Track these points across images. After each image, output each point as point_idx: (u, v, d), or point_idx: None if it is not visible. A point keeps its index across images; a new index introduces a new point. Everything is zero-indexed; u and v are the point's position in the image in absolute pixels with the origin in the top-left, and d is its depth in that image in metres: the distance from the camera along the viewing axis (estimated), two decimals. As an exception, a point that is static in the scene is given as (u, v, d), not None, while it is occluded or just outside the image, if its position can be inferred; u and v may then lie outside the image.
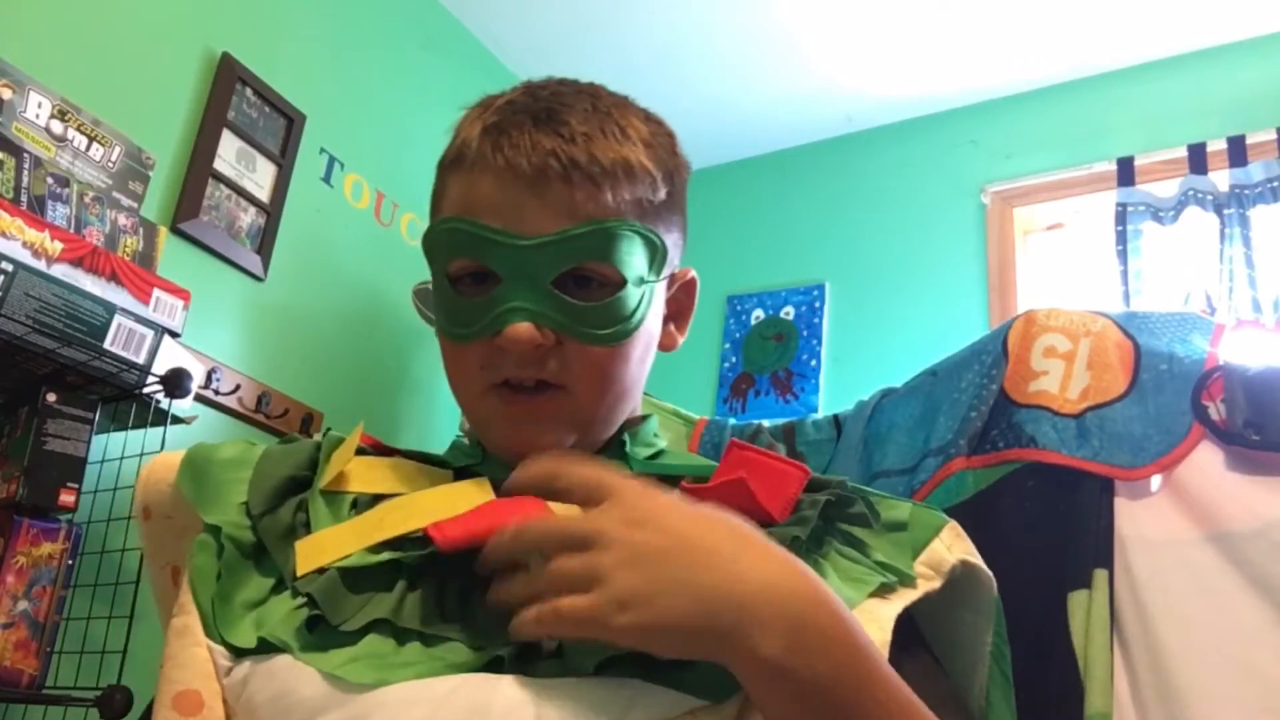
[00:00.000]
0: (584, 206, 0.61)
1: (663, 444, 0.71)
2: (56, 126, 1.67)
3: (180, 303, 1.54)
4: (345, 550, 0.58)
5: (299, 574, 0.57)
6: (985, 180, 2.70)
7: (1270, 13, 2.40)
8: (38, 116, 1.64)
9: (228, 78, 2.06)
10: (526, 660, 0.50)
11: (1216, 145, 2.34)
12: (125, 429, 1.56)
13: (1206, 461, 1.39)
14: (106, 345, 1.40)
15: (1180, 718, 1.28)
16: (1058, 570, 1.42)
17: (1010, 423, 1.53)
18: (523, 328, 0.60)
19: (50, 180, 1.58)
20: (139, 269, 1.51)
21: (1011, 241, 2.63)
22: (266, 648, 0.54)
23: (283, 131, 2.18)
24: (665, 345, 0.71)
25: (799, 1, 2.55)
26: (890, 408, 1.74)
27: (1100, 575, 1.39)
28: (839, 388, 2.69)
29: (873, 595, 0.56)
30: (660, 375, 3.13)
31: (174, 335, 1.52)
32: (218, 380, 1.90)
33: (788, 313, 2.88)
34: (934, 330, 2.58)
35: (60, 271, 1.38)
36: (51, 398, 1.42)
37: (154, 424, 1.51)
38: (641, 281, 0.64)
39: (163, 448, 1.49)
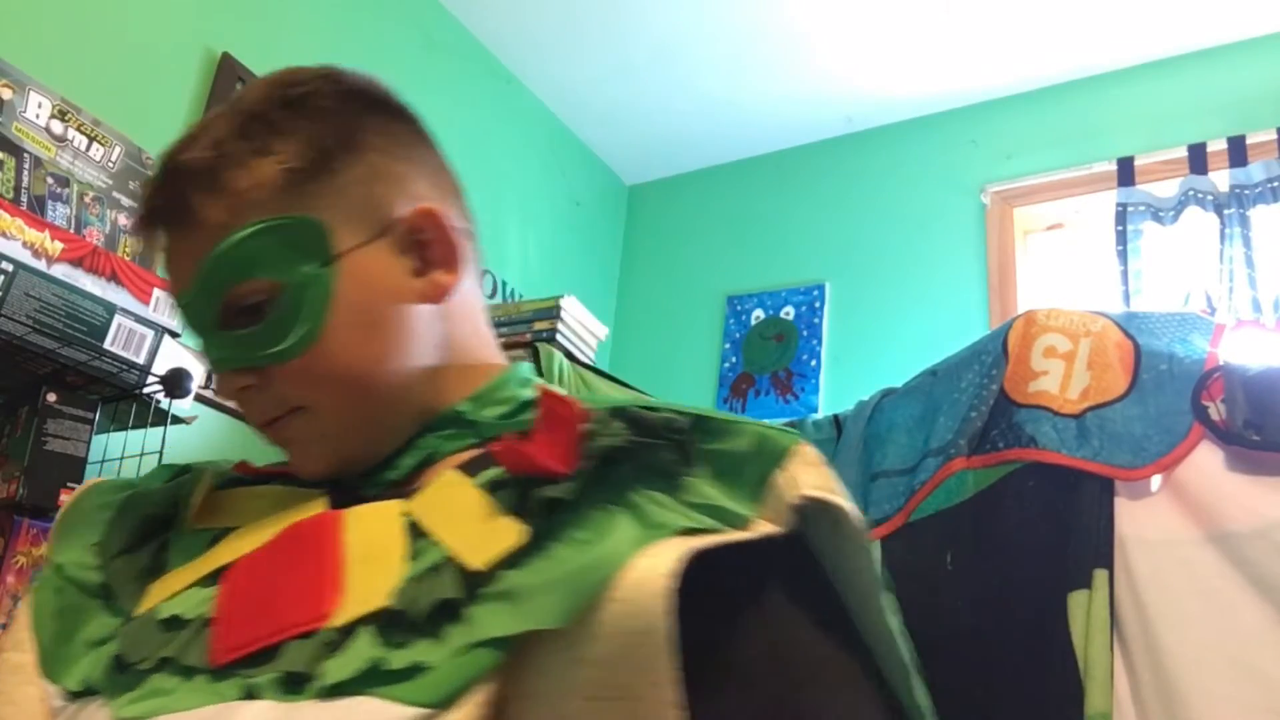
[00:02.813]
0: (201, 242, 0.58)
1: (528, 396, 0.65)
2: (56, 126, 1.67)
3: (180, 303, 1.54)
4: (177, 586, 0.56)
5: (134, 615, 0.56)
6: (985, 180, 2.70)
7: (1270, 13, 2.40)
8: (38, 116, 1.64)
9: (228, 78, 2.06)
10: (289, 684, 0.48)
11: (1216, 145, 2.34)
12: (125, 429, 1.56)
13: (1206, 461, 1.39)
14: (107, 345, 1.40)
15: (1180, 718, 1.28)
16: (1058, 570, 1.42)
17: (1010, 423, 1.53)
18: (223, 380, 0.60)
19: (50, 180, 1.58)
20: (139, 269, 1.51)
21: (1011, 241, 2.63)
22: (91, 690, 0.53)
23: (283, 131, 2.18)
24: (430, 296, 0.62)
25: (799, 2, 2.55)
26: (890, 408, 1.74)
27: (1100, 575, 1.39)
28: (839, 388, 2.69)
29: (683, 534, 0.48)
30: (660, 375, 3.13)
31: (174, 335, 1.52)
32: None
33: (788, 313, 2.88)
34: (934, 330, 2.58)
35: (60, 271, 1.38)
36: (52, 398, 1.42)
37: (154, 424, 1.51)
38: (305, 272, 0.58)
39: (163, 448, 1.49)
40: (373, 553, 0.53)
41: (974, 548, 1.51)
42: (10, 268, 1.31)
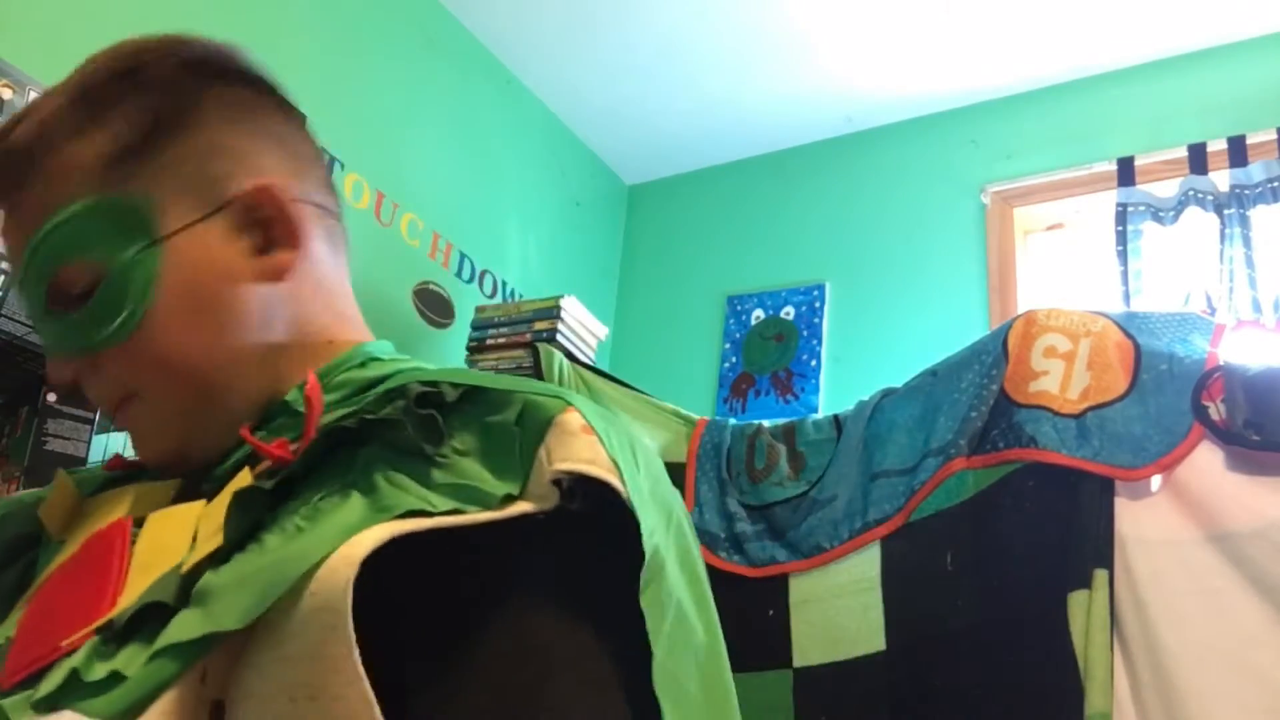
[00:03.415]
0: (28, 226, 0.56)
1: (398, 368, 0.59)
2: (56, 126, 1.67)
3: (180, 303, 1.54)
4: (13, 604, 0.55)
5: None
6: (985, 180, 2.70)
7: (1270, 13, 2.40)
8: (38, 116, 1.65)
9: (228, 78, 2.06)
10: (49, 704, 0.45)
11: (1217, 145, 2.34)
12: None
13: (1207, 461, 1.39)
14: (107, 345, 1.40)
15: (1180, 718, 1.28)
16: (1058, 570, 1.42)
17: (1010, 423, 1.53)
18: (53, 370, 0.57)
19: (50, 180, 1.58)
20: (139, 269, 1.51)
21: (1011, 241, 2.63)
22: None
23: (283, 131, 2.18)
24: (271, 275, 0.59)
25: (799, 2, 2.55)
26: (890, 408, 1.74)
27: (1100, 575, 1.39)
28: (839, 388, 2.69)
29: (403, 518, 0.44)
30: (660, 375, 3.12)
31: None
32: (218, 380, 1.90)
33: (788, 313, 2.88)
34: (934, 330, 2.58)
35: (60, 271, 1.38)
36: (52, 398, 1.42)
37: (154, 424, 1.51)
38: (127, 254, 0.55)
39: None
40: (154, 559, 0.50)
41: (974, 548, 1.51)
42: (10, 267, 1.31)
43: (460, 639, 0.44)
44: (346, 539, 0.43)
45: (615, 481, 0.45)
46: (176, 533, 0.51)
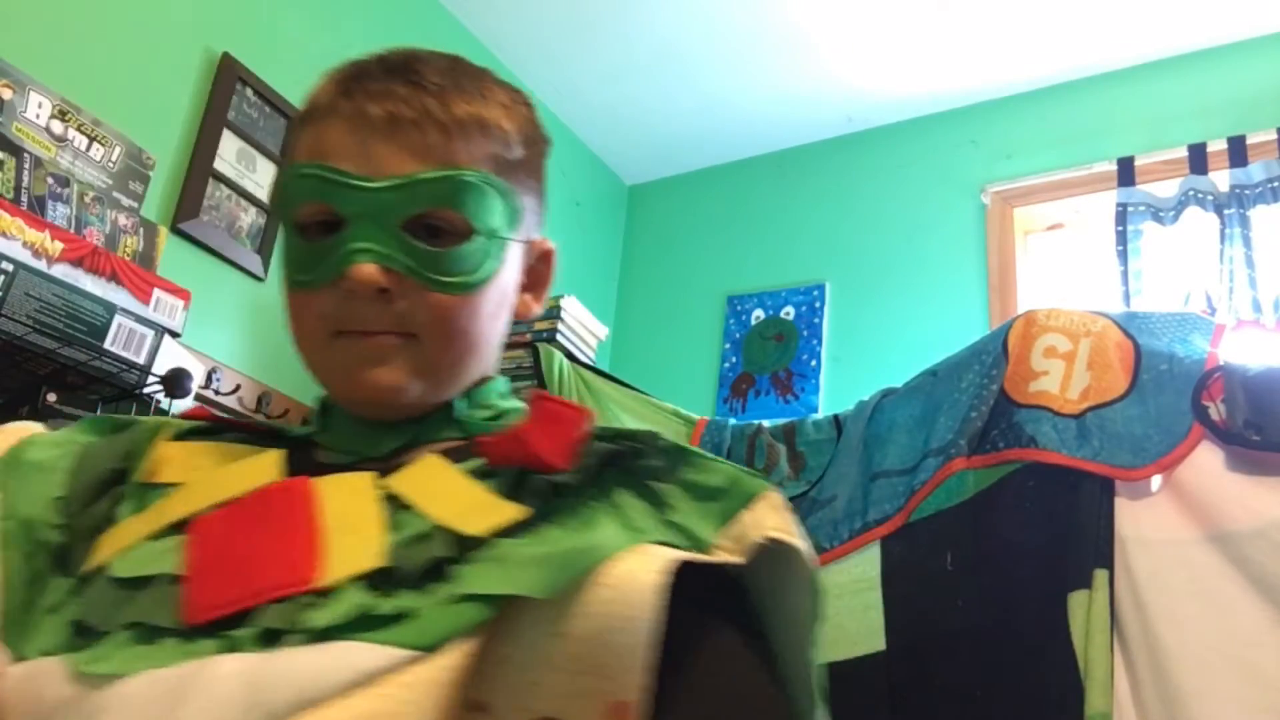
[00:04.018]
0: (436, 153, 0.61)
1: (510, 405, 0.69)
2: (57, 126, 1.67)
3: (180, 303, 1.54)
4: (127, 541, 0.56)
5: (82, 571, 0.56)
6: (985, 180, 2.70)
7: (1270, 13, 2.40)
8: (38, 116, 1.64)
9: (228, 78, 2.06)
10: (269, 640, 0.49)
11: (1217, 145, 2.34)
12: (125, 429, 1.56)
13: (1207, 462, 1.39)
14: (107, 345, 1.40)
15: (1180, 718, 1.28)
16: (1058, 570, 1.42)
17: (1010, 423, 1.53)
18: (368, 268, 0.59)
19: (50, 180, 1.58)
20: (139, 269, 1.51)
21: (1011, 241, 2.63)
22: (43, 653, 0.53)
23: (283, 131, 2.18)
24: (520, 314, 0.70)
25: (799, 2, 2.55)
26: (890, 408, 1.74)
27: (1100, 575, 1.39)
28: (839, 388, 2.69)
29: (658, 544, 0.53)
30: (660, 375, 3.12)
31: (174, 335, 1.52)
32: (218, 380, 1.91)
33: (788, 313, 2.88)
34: (934, 330, 2.58)
35: (60, 271, 1.38)
36: (52, 398, 1.42)
37: (154, 424, 1.51)
38: (494, 235, 0.63)
39: (163, 448, 1.49)
40: (351, 522, 0.55)
41: (974, 548, 1.51)
42: (10, 268, 1.31)
43: (691, 647, 0.52)
44: (624, 546, 0.51)
45: (809, 551, 0.57)
46: (361, 502, 0.56)
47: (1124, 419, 1.47)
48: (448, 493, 0.57)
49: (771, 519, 0.56)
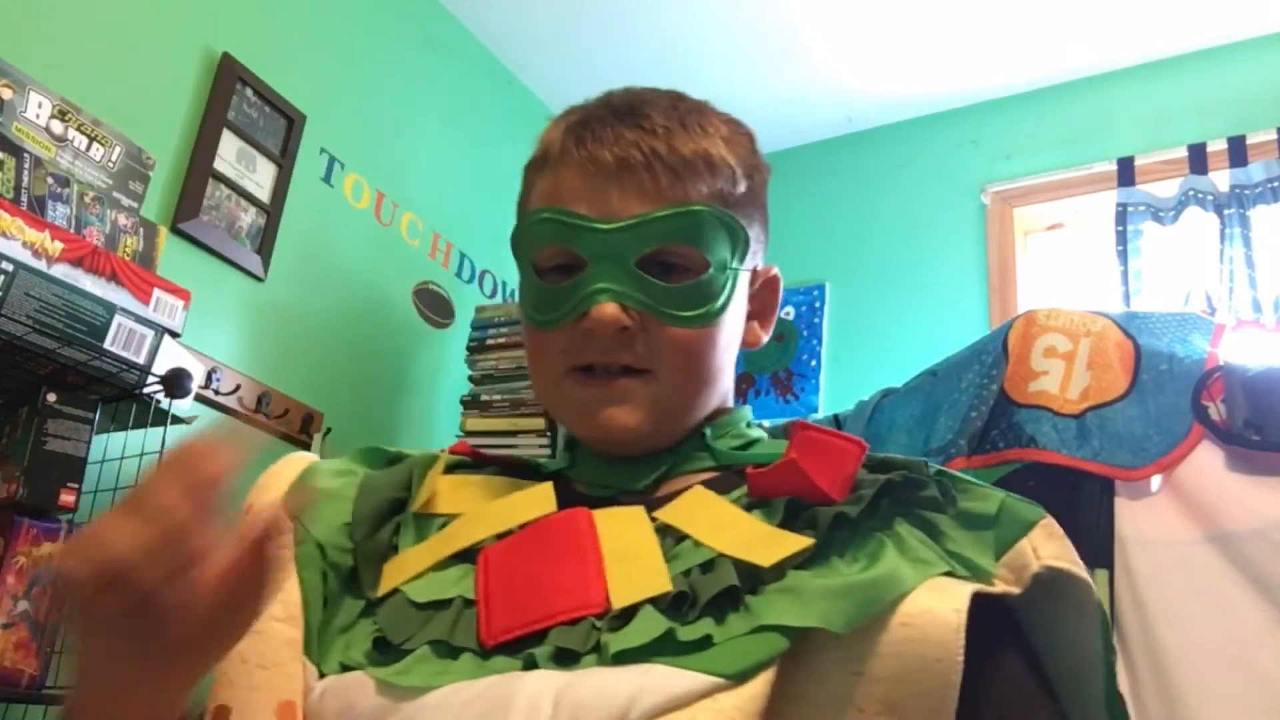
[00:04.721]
0: (666, 193, 0.63)
1: (757, 434, 0.71)
2: (56, 126, 1.67)
3: (180, 303, 1.54)
4: (416, 569, 0.59)
5: (374, 595, 0.59)
6: (985, 180, 2.70)
7: (1270, 13, 2.40)
8: (38, 116, 1.64)
9: (228, 78, 2.06)
10: (563, 659, 0.52)
11: (1217, 145, 2.34)
12: (125, 429, 1.56)
13: (1206, 461, 1.39)
14: (107, 345, 1.40)
15: (1180, 718, 1.28)
16: (1058, 570, 1.42)
17: (1010, 423, 1.53)
18: (609, 308, 0.61)
19: (50, 180, 1.58)
20: (139, 269, 1.51)
21: (1011, 241, 2.63)
22: (344, 668, 0.57)
23: (283, 131, 2.18)
24: (749, 342, 0.71)
25: (799, 2, 2.55)
26: (890, 408, 1.74)
27: (1100, 575, 1.39)
28: (839, 388, 2.69)
29: (944, 576, 0.54)
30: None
31: (174, 335, 1.52)
32: (218, 380, 1.90)
33: (788, 313, 2.88)
34: (934, 330, 2.58)
35: (60, 271, 1.38)
36: (52, 398, 1.42)
37: (154, 424, 1.51)
38: (725, 268, 0.65)
39: (163, 448, 1.49)
40: (630, 551, 0.57)
41: (974, 548, 1.51)
42: (10, 268, 1.31)
43: (978, 678, 0.52)
44: (917, 580, 0.51)
45: (1089, 580, 0.56)
46: (638, 532, 0.58)
47: (1124, 419, 1.47)
48: (722, 523, 0.58)
49: (1049, 547, 0.56)
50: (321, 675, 0.57)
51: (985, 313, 2.56)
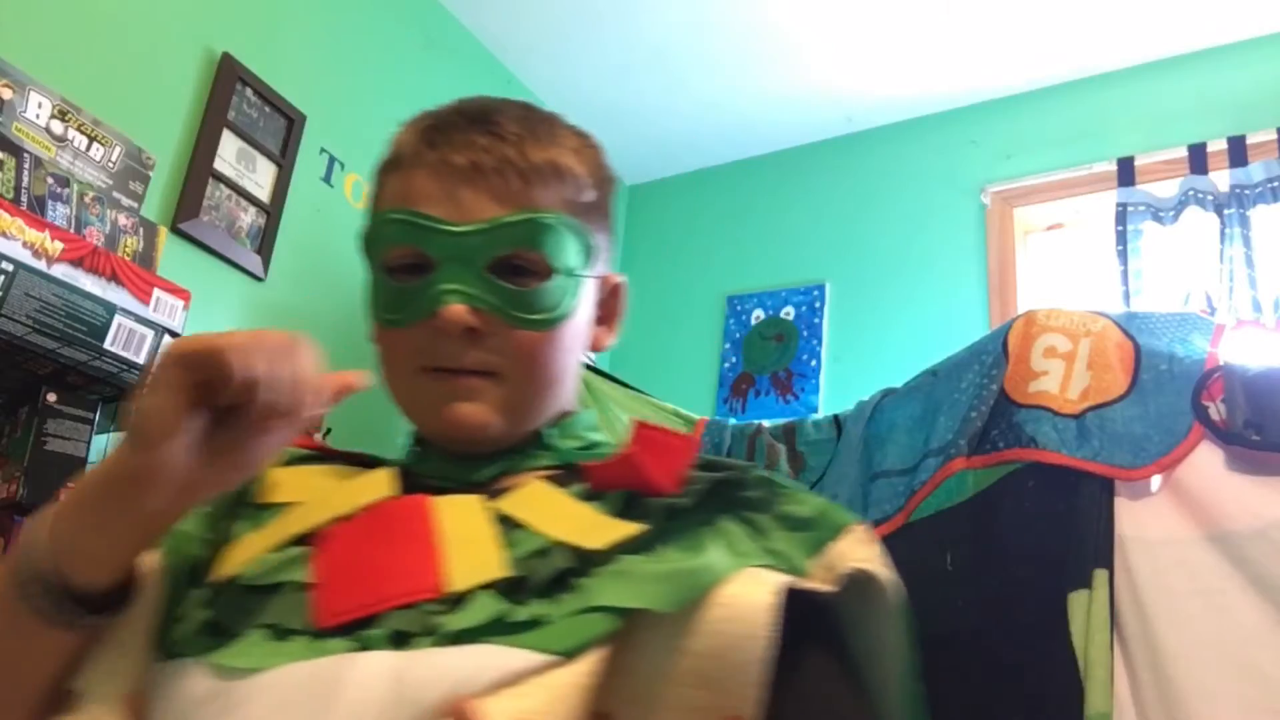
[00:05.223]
0: (517, 198, 0.65)
1: (600, 438, 0.73)
2: (56, 126, 1.67)
3: (180, 303, 1.54)
4: (252, 554, 0.60)
5: (208, 581, 0.60)
6: (985, 180, 2.70)
7: (1270, 13, 2.40)
8: (38, 116, 1.64)
9: (228, 78, 2.06)
10: (398, 641, 0.52)
11: (1217, 145, 2.34)
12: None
13: (1207, 462, 1.39)
14: (107, 345, 1.40)
15: (1180, 718, 1.28)
16: (1058, 570, 1.42)
17: (1010, 423, 1.53)
18: (457, 309, 0.63)
19: (50, 180, 1.58)
20: (139, 269, 1.51)
21: (1011, 241, 2.63)
22: (179, 656, 0.56)
23: (283, 131, 2.18)
24: (595, 346, 0.74)
25: (798, 2, 2.55)
26: (890, 408, 1.74)
27: (1100, 575, 1.39)
28: (839, 388, 2.69)
29: (762, 567, 0.57)
30: (660, 375, 3.11)
31: (174, 335, 1.52)
32: (218, 380, 1.90)
33: (788, 313, 2.88)
34: (934, 330, 2.58)
35: (60, 271, 1.38)
36: (52, 398, 1.42)
37: (154, 424, 1.51)
38: (572, 274, 0.67)
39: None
40: (468, 536, 0.58)
41: (974, 548, 1.52)
42: (10, 268, 1.31)
43: (789, 667, 0.55)
44: (735, 569, 0.54)
45: (895, 584, 0.59)
46: (475, 520, 0.60)
47: (1124, 419, 1.47)
48: (559, 513, 0.60)
49: (859, 550, 0.60)
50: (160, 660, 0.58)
51: (985, 313, 2.56)
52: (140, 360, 1.44)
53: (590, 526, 0.58)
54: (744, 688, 0.52)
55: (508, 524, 0.60)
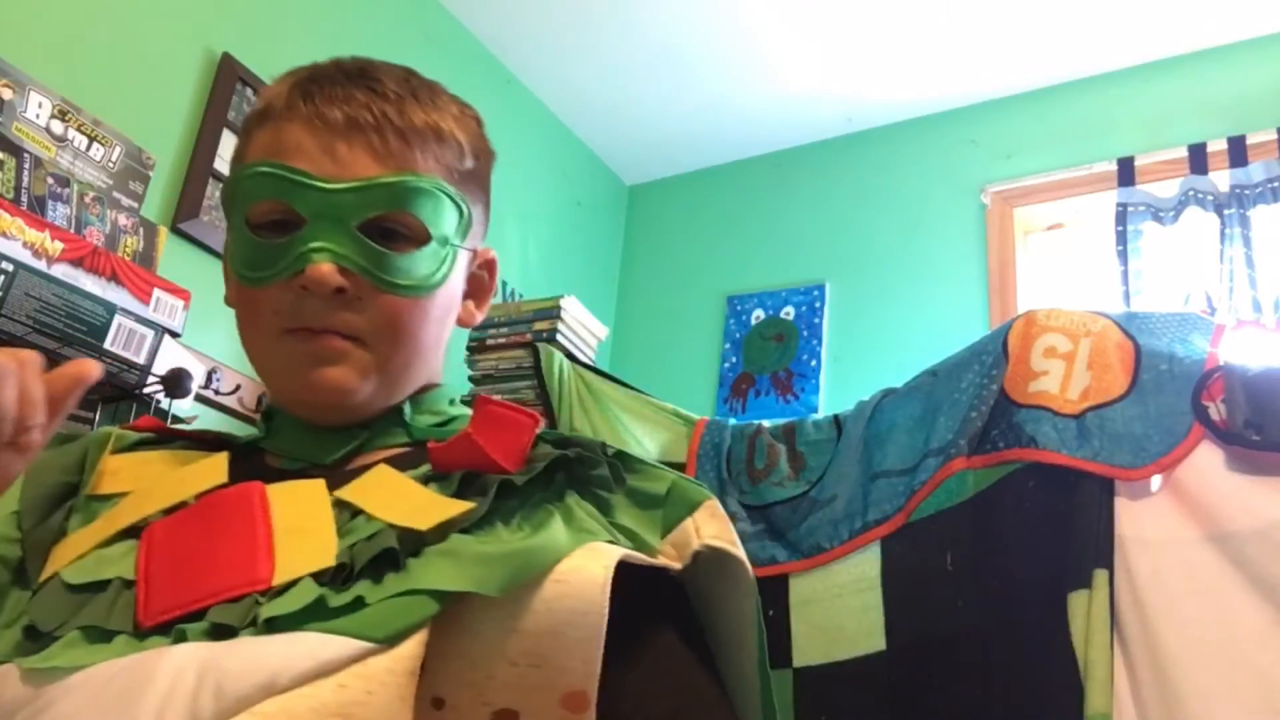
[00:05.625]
0: (394, 159, 0.63)
1: (457, 412, 0.71)
2: (57, 126, 1.67)
3: (180, 303, 1.54)
4: (78, 551, 0.57)
5: (37, 582, 0.57)
6: (985, 180, 2.70)
7: (1270, 13, 2.40)
8: (38, 116, 1.64)
9: (228, 78, 2.06)
10: (219, 635, 0.50)
11: (1217, 145, 2.34)
12: (125, 429, 1.56)
13: (1207, 462, 1.39)
14: (107, 345, 1.40)
15: (1180, 718, 1.28)
16: (1058, 570, 1.42)
17: (1010, 423, 1.53)
18: (325, 267, 0.60)
19: (50, 180, 1.58)
20: (139, 269, 1.51)
21: (1011, 241, 2.63)
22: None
23: (283, 131, 2.18)
24: (463, 320, 0.72)
25: (798, 2, 2.55)
26: (890, 408, 1.74)
27: (1100, 575, 1.39)
28: (839, 388, 2.69)
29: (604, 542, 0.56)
30: (660, 375, 3.12)
31: (174, 335, 1.52)
32: (218, 380, 1.90)
33: (788, 313, 2.88)
34: (934, 330, 2.58)
35: (60, 271, 1.38)
36: (52, 398, 1.42)
37: (154, 424, 1.51)
38: (446, 242, 0.65)
39: (163, 448, 1.49)
40: (302, 525, 0.56)
41: (974, 548, 1.51)
42: (10, 268, 1.31)
43: (632, 643, 0.55)
44: (575, 546, 0.53)
45: (744, 559, 0.59)
46: (313, 507, 0.57)
47: (1124, 419, 1.47)
48: (397, 497, 0.58)
49: (711, 527, 0.59)
50: None
51: (985, 313, 2.56)
52: (140, 360, 1.44)
53: (423, 507, 0.56)
54: (582, 664, 0.50)
55: (347, 511, 0.57)
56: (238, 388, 1.95)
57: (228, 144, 2.05)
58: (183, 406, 1.54)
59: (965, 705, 1.43)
